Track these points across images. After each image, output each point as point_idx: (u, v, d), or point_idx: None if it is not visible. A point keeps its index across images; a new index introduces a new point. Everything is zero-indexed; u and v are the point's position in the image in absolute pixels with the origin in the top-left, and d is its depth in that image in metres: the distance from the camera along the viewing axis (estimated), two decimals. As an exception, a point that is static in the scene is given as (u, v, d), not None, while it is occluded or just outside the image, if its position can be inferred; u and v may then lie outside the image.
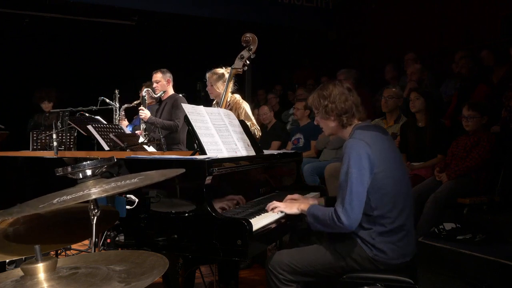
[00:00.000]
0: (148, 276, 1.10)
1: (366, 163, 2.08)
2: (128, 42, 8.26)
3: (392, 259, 2.14)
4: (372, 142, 2.13)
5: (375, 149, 2.11)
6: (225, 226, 1.89)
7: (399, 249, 2.14)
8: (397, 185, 2.16)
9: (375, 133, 2.22)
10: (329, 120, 2.27)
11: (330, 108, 2.22)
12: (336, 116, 2.23)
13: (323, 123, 2.32)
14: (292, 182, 3.05)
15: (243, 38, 3.41)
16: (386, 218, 2.12)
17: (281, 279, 2.18)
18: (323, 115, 2.27)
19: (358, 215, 2.07)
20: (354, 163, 2.08)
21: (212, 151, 2.25)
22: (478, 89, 4.91)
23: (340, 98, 2.21)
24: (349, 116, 2.23)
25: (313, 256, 2.21)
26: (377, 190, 2.11)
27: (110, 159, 1.62)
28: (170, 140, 4.23)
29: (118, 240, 2.05)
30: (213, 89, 3.88)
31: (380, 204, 2.12)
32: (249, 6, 8.18)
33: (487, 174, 3.90)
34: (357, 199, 2.06)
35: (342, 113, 2.22)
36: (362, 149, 2.10)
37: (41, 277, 1.06)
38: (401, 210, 2.15)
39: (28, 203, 1.40)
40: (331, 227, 2.12)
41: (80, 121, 4.44)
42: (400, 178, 2.21)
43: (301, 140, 5.68)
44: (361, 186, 2.07)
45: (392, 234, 2.13)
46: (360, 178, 2.07)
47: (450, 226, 3.56)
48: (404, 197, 2.19)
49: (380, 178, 2.11)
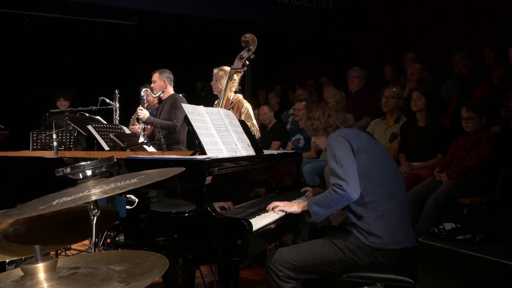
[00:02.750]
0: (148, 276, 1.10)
1: (347, 146, 2.26)
2: (128, 42, 8.26)
3: (387, 244, 2.18)
4: (350, 133, 2.33)
5: (353, 138, 2.30)
6: (225, 226, 1.89)
7: (393, 233, 2.20)
8: (383, 172, 2.30)
9: (356, 131, 2.43)
10: (318, 135, 2.52)
11: (316, 126, 2.48)
12: (323, 131, 2.48)
13: (316, 140, 2.59)
14: (292, 182, 3.05)
15: (242, 38, 3.41)
16: (378, 203, 2.22)
17: (280, 276, 2.20)
18: (312, 132, 2.53)
19: (355, 181, 2.19)
20: (337, 148, 2.27)
21: (212, 151, 2.25)
22: (478, 89, 4.91)
23: (323, 115, 2.46)
24: (334, 128, 2.45)
25: (312, 251, 2.25)
26: (365, 176, 2.23)
27: (110, 159, 1.62)
28: (170, 140, 4.22)
29: (118, 240, 2.05)
30: (217, 85, 3.92)
31: (370, 190, 2.23)
32: (249, 6, 8.19)
33: (487, 174, 3.90)
34: (350, 170, 2.20)
35: (327, 126, 2.46)
36: (340, 138, 2.30)
37: (41, 277, 1.06)
38: (391, 195, 2.26)
39: (28, 204, 1.40)
40: (334, 203, 2.20)
41: (80, 121, 4.44)
42: (386, 167, 2.34)
43: (301, 141, 5.68)
44: (351, 160, 2.22)
45: (385, 218, 2.21)
46: (347, 155, 2.24)
47: (450, 226, 3.55)
48: (392, 184, 2.30)
49: (365, 164, 2.25)
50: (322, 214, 2.25)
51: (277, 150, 4.83)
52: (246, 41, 3.40)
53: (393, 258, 2.19)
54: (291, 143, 5.79)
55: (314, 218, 2.26)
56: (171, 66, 4.74)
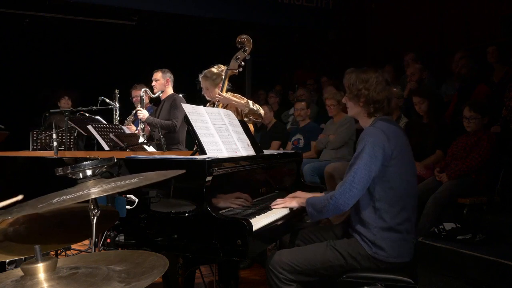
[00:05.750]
0: (148, 276, 1.10)
1: (379, 153, 2.08)
2: (128, 42, 8.26)
3: (390, 257, 2.14)
4: (391, 135, 2.13)
5: (393, 143, 2.11)
6: (225, 226, 1.89)
7: (398, 247, 2.15)
8: (405, 184, 2.17)
9: (396, 128, 2.22)
10: (357, 103, 2.24)
11: (362, 94, 2.20)
12: (365, 103, 2.21)
13: (350, 105, 2.30)
14: (292, 182, 3.05)
15: (238, 39, 3.41)
16: (388, 213, 2.13)
17: (281, 279, 2.18)
18: (352, 97, 2.24)
19: (353, 197, 2.09)
20: (368, 150, 2.08)
21: (212, 151, 2.25)
22: (478, 89, 4.92)
23: (376, 87, 2.18)
24: (378, 107, 2.20)
25: (313, 255, 2.21)
26: (385, 182, 2.12)
27: (110, 159, 1.62)
28: (169, 140, 4.21)
29: (118, 240, 2.05)
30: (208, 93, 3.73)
31: (384, 197, 2.12)
32: (249, 6, 8.19)
33: (487, 174, 3.90)
34: (358, 183, 2.07)
35: (372, 102, 2.19)
36: (379, 139, 2.10)
37: (41, 277, 1.06)
38: (403, 208, 2.16)
39: (28, 202, 1.40)
40: (326, 210, 2.15)
41: (80, 121, 4.44)
42: (409, 179, 2.21)
43: (301, 141, 5.68)
44: (367, 172, 2.07)
45: (392, 231, 2.14)
46: (368, 164, 2.07)
47: (450, 226, 3.55)
48: (409, 198, 2.19)
49: (391, 171, 2.11)
50: (316, 216, 2.24)
51: (277, 150, 4.83)
52: (242, 42, 3.39)
53: (394, 267, 2.17)
54: (291, 143, 5.79)
55: (310, 218, 2.27)
56: (171, 66, 4.74)
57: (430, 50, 6.82)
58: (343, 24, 8.76)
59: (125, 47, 8.18)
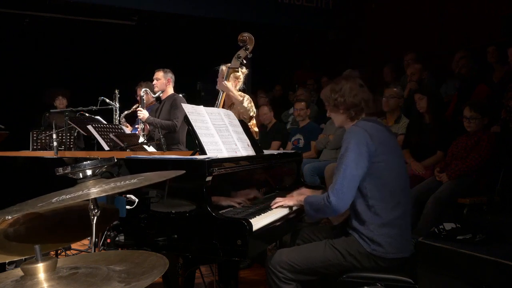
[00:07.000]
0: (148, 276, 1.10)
1: (364, 149, 2.14)
2: (128, 42, 8.26)
3: (389, 253, 2.16)
4: (374, 133, 2.18)
5: (376, 140, 2.16)
6: (225, 226, 1.89)
7: (396, 242, 2.17)
8: (396, 178, 2.21)
9: (378, 126, 2.27)
10: (338, 113, 2.34)
11: (339, 102, 2.29)
12: (345, 109, 2.30)
13: (333, 116, 2.40)
14: (292, 182, 3.05)
15: (239, 37, 3.42)
16: (382, 209, 2.16)
17: (281, 278, 2.19)
18: (332, 108, 2.35)
19: (348, 198, 2.13)
20: (352, 148, 2.14)
21: (212, 151, 2.25)
22: (478, 89, 4.92)
23: (350, 93, 2.27)
24: (358, 110, 2.28)
25: (312, 254, 2.22)
26: (375, 179, 2.16)
27: (110, 159, 1.62)
28: (169, 140, 4.21)
29: (118, 240, 2.05)
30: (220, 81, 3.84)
31: (377, 193, 2.16)
32: (249, 6, 8.19)
33: (487, 174, 3.90)
34: (349, 182, 2.11)
35: (351, 107, 2.28)
36: (362, 136, 2.16)
37: (41, 277, 1.06)
38: (398, 203, 2.19)
39: (28, 202, 1.40)
40: (322, 210, 2.18)
41: (80, 121, 4.44)
42: (400, 173, 2.25)
43: (301, 141, 5.68)
44: (355, 170, 2.12)
45: (388, 226, 2.16)
46: (355, 162, 2.12)
47: (450, 226, 3.55)
48: (401, 192, 2.23)
49: (379, 168, 2.16)
50: (313, 216, 2.26)
51: (277, 150, 4.83)
52: (243, 40, 3.40)
53: (394, 264, 2.18)
54: (291, 143, 5.79)
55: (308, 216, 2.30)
56: (171, 66, 4.74)
57: (430, 50, 6.82)
58: (343, 24, 8.75)
59: (125, 47, 8.18)
